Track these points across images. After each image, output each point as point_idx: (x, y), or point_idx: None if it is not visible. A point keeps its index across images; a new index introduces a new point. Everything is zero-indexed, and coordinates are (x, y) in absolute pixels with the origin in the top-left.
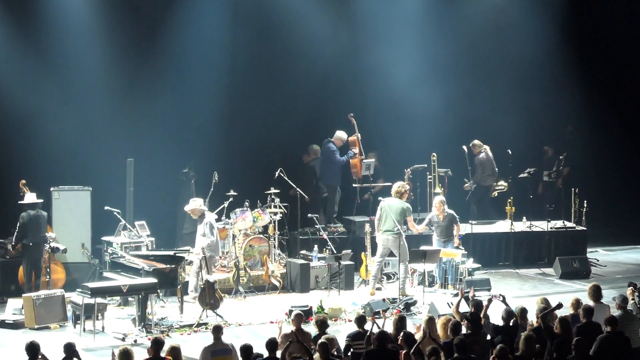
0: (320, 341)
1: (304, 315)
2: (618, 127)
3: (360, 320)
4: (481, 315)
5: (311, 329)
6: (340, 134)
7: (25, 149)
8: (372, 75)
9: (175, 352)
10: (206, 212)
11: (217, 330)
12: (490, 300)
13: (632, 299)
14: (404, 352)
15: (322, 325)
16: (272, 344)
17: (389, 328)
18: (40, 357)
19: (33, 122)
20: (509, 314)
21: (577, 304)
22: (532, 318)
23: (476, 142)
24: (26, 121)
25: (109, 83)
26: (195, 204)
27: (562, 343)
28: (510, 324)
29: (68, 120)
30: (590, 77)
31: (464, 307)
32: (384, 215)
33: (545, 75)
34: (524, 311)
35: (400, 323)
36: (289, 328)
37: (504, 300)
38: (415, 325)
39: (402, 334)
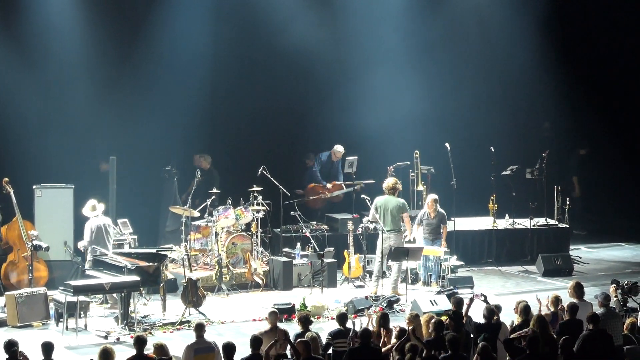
0: (301, 340)
1: (287, 313)
2: (599, 124)
3: (342, 318)
4: (463, 314)
5: (294, 326)
6: (338, 148)
7: (8, 147)
8: (355, 73)
9: (161, 349)
10: (93, 217)
11: (200, 328)
12: (471, 300)
13: (615, 297)
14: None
15: (305, 322)
16: (255, 341)
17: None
18: (21, 358)
19: (15, 121)
20: (490, 312)
21: (556, 301)
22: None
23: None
24: (8, 119)
25: (91, 81)
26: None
27: (534, 339)
28: (493, 321)
29: (50, 118)
30: (570, 74)
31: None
32: (382, 213)
33: (526, 72)
34: (498, 308)
35: (383, 320)
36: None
37: (485, 300)
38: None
39: (397, 328)
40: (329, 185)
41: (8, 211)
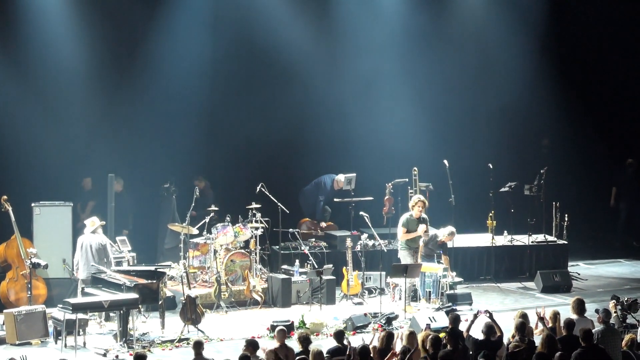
0: (303, 357)
1: (286, 330)
2: (598, 140)
3: (339, 335)
4: (465, 330)
5: (293, 344)
6: (341, 178)
7: (6, 165)
8: (353, 88)
9: None
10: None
11: (198, 346)
12: (475, 316)
13: (614, 312)
14: None
15: (305, 341)
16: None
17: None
18: None
19: (14, 138)
20: (489, 329)
21: (555, 317)
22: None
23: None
24: (6, 137)
25: (89, 98)
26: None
27: (542, 356)
28: (492, 338)
29: (49, 136)
30: (569, 90)
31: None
32: None
33: (525, 88)
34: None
35: (388, 339)
36: (271, 343)
37: (491, 316)
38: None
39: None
40: (323, 224)
41: (6, 229)
